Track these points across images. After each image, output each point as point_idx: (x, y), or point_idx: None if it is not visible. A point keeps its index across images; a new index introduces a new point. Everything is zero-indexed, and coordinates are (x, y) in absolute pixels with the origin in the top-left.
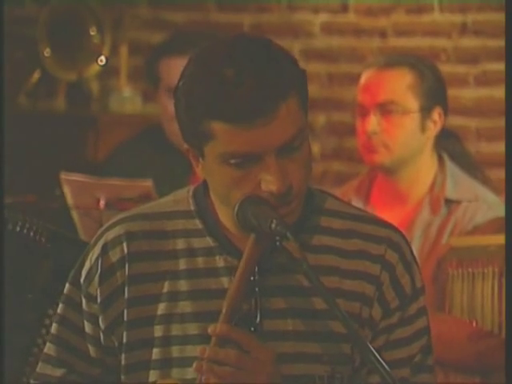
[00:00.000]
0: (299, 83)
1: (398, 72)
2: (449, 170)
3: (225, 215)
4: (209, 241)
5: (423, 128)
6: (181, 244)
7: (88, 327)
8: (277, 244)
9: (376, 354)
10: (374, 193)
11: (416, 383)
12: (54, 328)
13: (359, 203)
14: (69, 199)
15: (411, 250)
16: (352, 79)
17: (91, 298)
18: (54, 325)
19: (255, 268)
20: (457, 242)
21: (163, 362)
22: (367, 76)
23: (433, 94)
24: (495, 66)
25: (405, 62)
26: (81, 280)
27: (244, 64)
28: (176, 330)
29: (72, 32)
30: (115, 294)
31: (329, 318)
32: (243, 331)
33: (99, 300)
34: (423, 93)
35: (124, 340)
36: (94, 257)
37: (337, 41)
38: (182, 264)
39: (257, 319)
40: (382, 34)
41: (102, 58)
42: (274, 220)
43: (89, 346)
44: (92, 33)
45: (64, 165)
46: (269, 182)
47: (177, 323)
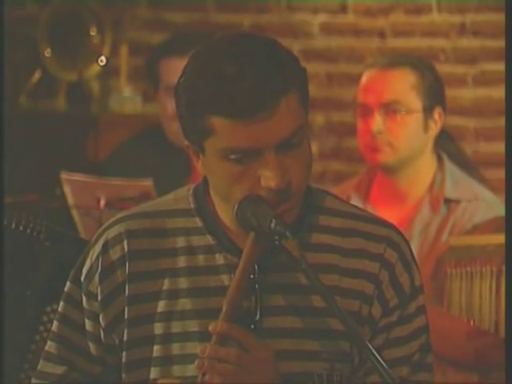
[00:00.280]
0: (300, 80)
1: (401, 72)
2: (448, 170)
3: (225, 213)
4: (209, 239)
5: (426, 127)
6: (181, 242)
7: (89, 325)
8: (276, 243)
9: (374, 353)
10: (374, 191)
11: (415, 382)
12: (55, 326)
13: (358, 201)
14: (69, 199)
15: (410, 250)
16: (351, 79)
17: (92, 296)
18: (55, 323)
19: (255, 266)
20: (455, 242)
21: (164, 360)
22: (369, 76)
23: (433, 94)
24: (493, 66)
25: (406, 62)
26: (81, 278)
27: (244, 60)
28: (176, 328)
29: (72, 32)
30: (116, 292)
31: (328, 316)
32: (243, 329)
33: (100, 298)
34: (425, 92)
35: (125, 338)
36: (95, 255)
37: (336, 41)
38: (182, 262)
39: (257, 317)
40: (381, 35)
41: (103, 59)
42: (274, 219)
43: (89, 344)
44: (92, 33)
45: (64, 164)
46: (268, 178)
47: (177, 320)
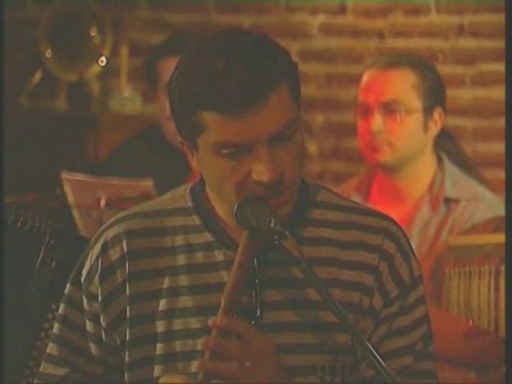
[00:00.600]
0: (290, 74)
1: (401, 72)
2: (448, 170)
3: (222, 210)
4: (207, 236)
5: (425, 128)
6: (180, 240)
7: (90, 326)
8: (276, 243)
9: (370, 348)
10: (374, 191)
11: (419, 370)
12: (56, 328)
13: (359, 201)
14: (70, 198)
15: (408, 240)
16: (350, 79)
17: (92, 297)
18: (56, 325)
19: (254, 261)
20: (454, 241)
21: (167, 357)
22: (370, 76)
23: (434, 94)
24: (492, 67)
25: (406, 62)
26: (81, 280)
27: (234, 55)
28: (178, 325)
29: (73, 33)
30: (116, 292)
31: (328, 309)
32: (243, 323)
33: (100, 299)
34: (425, 93)
35: (127, 337)
36: (94, 256)
37: (335, 42)
38: (182, 259)
39: (257, 311)
40: (380, 35)
41: (103, 59)
42: (273, 219)
43: (91, 345)
44: (93, 34)
45: (65, 164)
46: (260, 172)
47: (178, 318)
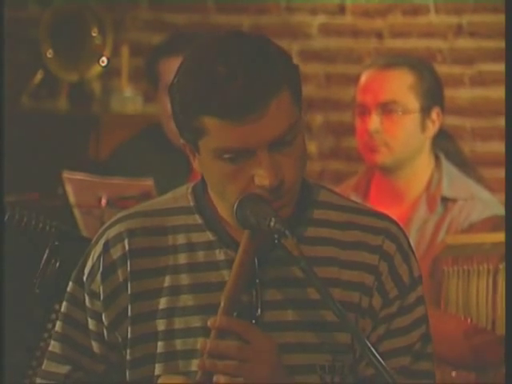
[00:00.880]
0: (292, 78)
1: (399, 72)
2: (445, 169)
3: (223, 210)
4: (208, 235)
5: (423, 128)
6: (181, 239)
7: (92, 324)
8: (275, 242)
9: (370, 347)
10: (373, 191)
11: (417, 371)
12: (59, 326)
13: (358, 201)
14: (71, 198)
15: (408, 241)
16: (349, 79)
17: (94, 295)
18: (59, 323)
19: (254, 261)
20: (452, 240)
21: (168, 355)
22: (368, 76)
23: (431, 95)
24: (490, 67)
25: (404, 63)
26: (83, 278)
27: (235, 60)
28: (179, 324)
29: (74, 33)
30: (117, 291)
31: (328, 309)
32: (243, 322)
33: (102, 297)
34: (423, 93)
35: (128, 335)
36: (96, 255)
37: (334, 42)
38: (183, 258)
39: (258, 311)
40: (379, 36)
41: (104, 59)
42: (273, 218)
43: (93, 343)
44: (94, 34)
45: (66, 164)
46: (261, 177)
47: (179, 316)
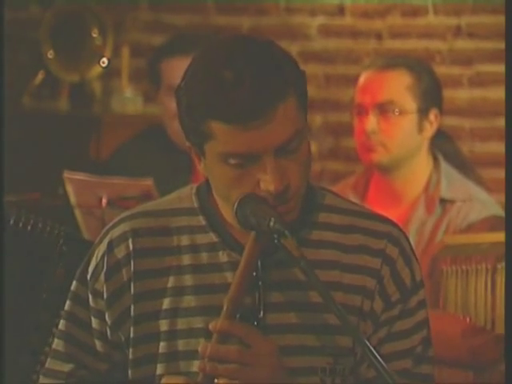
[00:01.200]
0: (298, 84)
1: (397, 73)
2: (443, 170)
3: (227, 212)
4: (212, 236)
5: (420, 128)
6: (185, 240)
7: (95, 323)
8: (275, 242)
9: (372, 349)
10: (371, 191)
11: (417, 374)
12: (62, 324)
13: (356, 200)
14: (72, 198)
15: (410, 245)
16: (349, 80)
17: (98, 295)
18: (62, 321)
19: (257, 264)
20: (451, 240)
21: (169, 356)
22: (366, 77)
23: (429, 96)
24: (489, 68)
25: (403, 64)
26: (87, 277)
27: (243, 65)
28: (181, 324)
29: (75, 34)
30: (121, 290)
31: (330, 312)
32: (244, 325)
33: (105, 296)
34: (420, 94)
35: (131, 335)
36: (100, 254)
37: (334, 43)
38: (187, 259)
39: (260, 313)
40: (378, 36)
41: (104, 60)
42: (273, 218)
43: (96, 342)
44: (94, 35)
45: (67, 164)
46: (267, 182)
47: (182, 317)
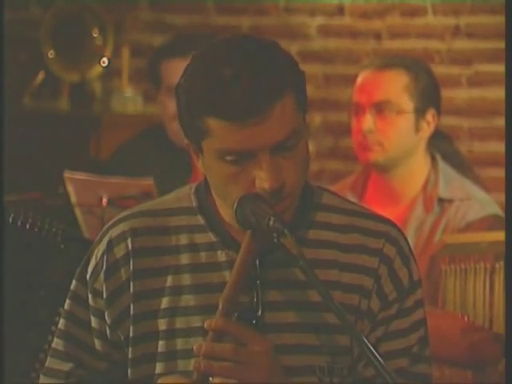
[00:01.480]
0: (297, 83)
1: (394, 73)
2: (441, 170)
3: (225, 211)
4: (211, 236)
5: (417, 128)
6: (183, 239)
7: (94, 322)
8: (274, 241)
9: (371, 348)
10: (369, 190)
11: (414, 373)
12: (62, 323)
13: (354, 200)
14: (72, 197)
15: (408, 245)
16: (348, 80)
17: (97, 294)
18: (62, 320)
19: (255, 262)
20: (450, 239)
21: (168, 355)
22: (364, 76)
23: (427, 96)
24: (487, 68)
25: (400, 64)
26: (87, 276)
27: (241, 63)
28: (180, 323)
29: (75, 34)
30: (120, 289)
31: (328, 311)
32: (239, 324)
33: (105, 295)
34: (418, 94)
35: (130, 334)
36: (100, 253)
37: (333, 43)
38: (185, 259)
39: (258, 312)
40: (377, 36)
41: (105, 60)
42: (272, 217)
43: (95, 341)
44: (94, 35)
45: (67, 163)
46: (262, 180)
47: (181, 316)
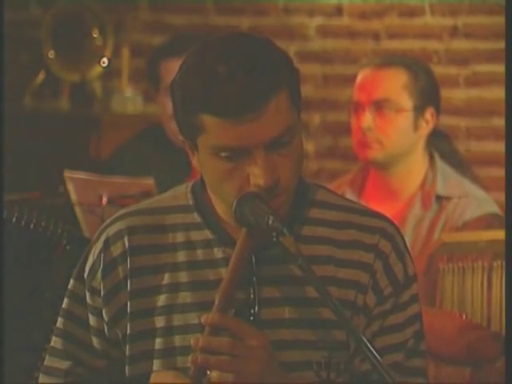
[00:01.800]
0: (291, 80)
1: (394, 71)
2: (439, 168)
3: (222, 208)
4: (207, 233)
5: (416, 126)
6: (180, 237)
7: (92, 320)
8: (273, 240)
9: (367, 343)
10: (368, 187)
11: (409, 367)
12: (60, 322)
13: (353, 197)
14: (72, 196)
15: (404, 240)
16: (346, 80)
17: (95, 292)
18: (60, 319)
19: (252, 259)
20: (448, 238)
21: (166, 352)
22: (364, 74)
23: (426, 95)
24: (485, 68)
25: (400, 63)
26: (84, 275)
27: (236, 60)
28: (177, 320)
29: (75, 34)
30: (118, 287)
31: (324, 306)
32: (235, 319)
33: (102, 293)
34: (417, 93)
35: (128, 331)
36: (97, 252)
37: (331, 43)
38: (182, 256)
39: (255, 308)
40: (376, 37)
41: (105, 60)
42: (271, 216)
43: (93, 339)
44: (94, 35)
45: (68, 163)
46: (256, 176)
47: (178, 313)
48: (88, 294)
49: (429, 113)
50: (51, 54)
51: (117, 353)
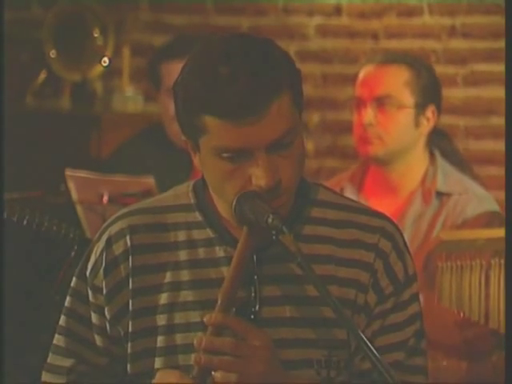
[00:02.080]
0: (293, 82)
1: (396, 68)
2: (440, 165)
3: (222, 208)
4: (209, 232)
5: (417, 124)
6: (182, 236)
7: (95, 318)
8: (273, 238)
9: (367, 342)
10: (368, 183)
11: (410, 366)
12: (62, 320)
13: (352, 192)
14: (73, 195)
15: (404, 239)
16: (345, 79)
17: (97, 290)
18: (62, 317)
19: (253, 258)
20: (447, 236)
21: (168, 350)
22: (365, 71)
23: (427, 92)
24: (483, 67)
25: (402, 60)
26: (87, 273)
27: (238, 61)
28: (179, 319)
29: (76, 34)
30: (120, 286)
31: (325, 305)
32: (238, 319)
33: (105, 291)
34: (418, 90)
35: (130, 329)
36: (99, 250)
37: (331, 42)
38: (184, 255)
39: (256, 307)
40: (374, 36)
41: (106, 59)
42: (271, 215)
43: (96, 337)
44: (95, 35)
45: (69, 162)
46: (258, 177)
47: (179, 312)
48: (90, 292)
49: (430, 110)
50: (52, 54)
51: (119, 350)
